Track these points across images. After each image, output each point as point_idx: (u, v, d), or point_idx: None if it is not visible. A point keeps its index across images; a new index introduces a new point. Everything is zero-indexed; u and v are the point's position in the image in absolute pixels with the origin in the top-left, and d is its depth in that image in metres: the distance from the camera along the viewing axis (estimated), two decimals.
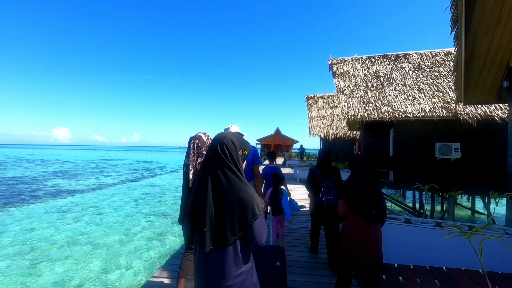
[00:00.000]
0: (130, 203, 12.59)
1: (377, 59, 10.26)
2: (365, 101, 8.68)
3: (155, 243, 7.38)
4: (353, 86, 9.43)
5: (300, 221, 5.72)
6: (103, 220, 9.70)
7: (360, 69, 10.10)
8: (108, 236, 7.91)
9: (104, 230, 8.48)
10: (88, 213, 10.62)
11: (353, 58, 10.70)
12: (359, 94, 9.01)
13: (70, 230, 8.37)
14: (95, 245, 7.13)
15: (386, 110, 8.11)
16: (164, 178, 23.06)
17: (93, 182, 19.48)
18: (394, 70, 9.56)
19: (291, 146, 40.60)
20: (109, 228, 8.71)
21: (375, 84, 9.24)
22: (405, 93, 8.48)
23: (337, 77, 10.00)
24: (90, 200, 13.16)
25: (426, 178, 7.93)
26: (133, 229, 8.69)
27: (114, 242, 7.39)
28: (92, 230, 8.47)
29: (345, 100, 8.95)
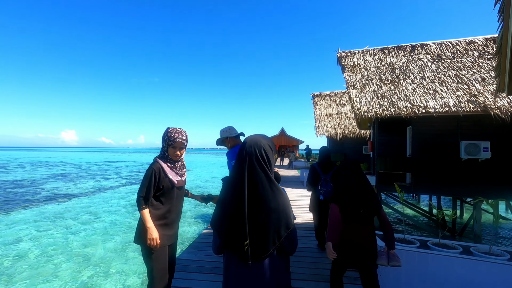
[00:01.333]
0: (126, 207, 11.91)
1: (391, 51, 9.38)
2: (379, 96, 7.81)
3: None
4: (365, 80, 8.57)
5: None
6: (94, 228, 9.00)
7: (372, 61, 9.23)
8: (95, 248, 7.19)
9: (92, 240, 7.76)
10: (80, 220, 9.95)
11: (364, 50, 9.84)
12: (372, 89, 8.15)
13: (54, 241, 7.67)
14: (80, 259, 6.40)
15: (403, 105, 7.24)
16: None
17: (92, 185, 18.91)
18: (411, 62, 8.67)
19: (297, 146, 39.69)
20: (97, 238, 7.99)
21: (389, 77, 8.36)
22: (424, 87, 7.60)
23: (347, 71, 9.15)
24: (85, 205, 12.51)
25: (449, 181, 7.04)
26: (125, 239, 7.96)
27: (100, 257, 6.65)
28: (80, 241, 7.76)
29: (356, 95, 8.10)
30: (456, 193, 7.26)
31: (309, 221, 6.16)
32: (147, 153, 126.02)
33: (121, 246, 7.30)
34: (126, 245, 7.31)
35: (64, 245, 7.31)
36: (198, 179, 23.35)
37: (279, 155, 38.17)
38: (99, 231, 8.57)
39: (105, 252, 6.85)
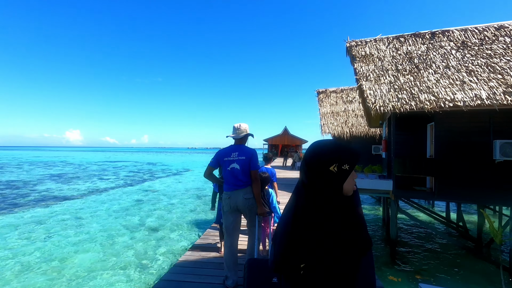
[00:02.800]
0: (118, 212, 11.02)
1: (407, 39, 8.36)
2: (397, 88, 6.82)
3: (133, 275, 5.65)
4: (380, 71, 7.57)
5: None
6: (78, 236, 8.11)
7: (387, 51, 8.22)
8: (73, 261, 6.29)
9: (72, 253, 6.86)
10: (64, 226, 9.07)
11: (377, 39, 8.84)
12: (388, 80, 7.15)
13: (31, 251, 6.79)
14: (55, 274, 5.50)
15: (426, 98, 6.24)
16: (163, 181, 21.55)
17: (87, 186, 18.09)
18: (431, 50, 7.65)
19: (300, 146, 38.67)
20: (80, 249, 7.09)
21: (407, 67, 7.36)
22: (449, 77, 6.59)
23: (358, 61, 8.16)
24: (75, 209, 11.65)
25: (481, 186, 6.02)
26: (110, 250, 7.05)
27: (77, 274, 5.74)
28: (58, 251, 6.88)
29: (370, 87, 7.11)
30: (489, 200, 6.25)
31: None
32: (149, 153, 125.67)
33: (92, 264, 6.38)
34: (100, 263, 6.36)
35: (33, 259, 6.41)
36: (198, 180, 22.46)
37: (281, 155, 37.23)
38: (78, 241, 7.67)
39: (74, 269, 5.93)
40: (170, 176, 25.92)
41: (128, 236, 8.15)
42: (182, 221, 9.80)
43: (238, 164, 3.02)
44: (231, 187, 3.04)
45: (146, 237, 8.06)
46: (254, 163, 3.05)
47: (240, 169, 3.02)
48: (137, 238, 7.98)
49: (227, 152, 3.10)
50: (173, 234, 8.34)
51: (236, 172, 3.01)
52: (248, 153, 3.06)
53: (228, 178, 3.06)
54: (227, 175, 3.06)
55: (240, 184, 3.02)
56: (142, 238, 7.99)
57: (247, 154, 3.05)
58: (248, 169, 3.04)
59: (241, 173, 3.01)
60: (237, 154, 3.05)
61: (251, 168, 3.03)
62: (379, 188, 6.82)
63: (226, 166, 3.06)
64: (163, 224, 9.47)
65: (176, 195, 15.30)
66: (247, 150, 3.09)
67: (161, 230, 8.80)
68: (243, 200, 3.01)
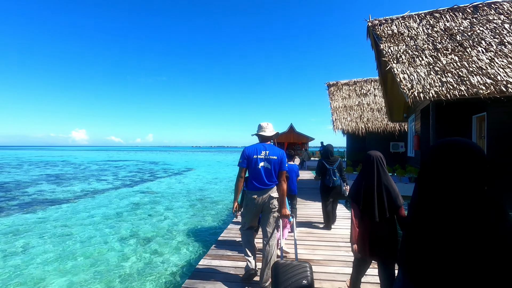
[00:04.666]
0: (109, 220, 9.86)
1: (444, 14, 7.01)
2: (439, 70, 5.51)
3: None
4: (413, 51, 6.26)
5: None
6: (57, 251, 6.96)
7: (420, 28, 6.90)
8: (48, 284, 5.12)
9: (45, 274, 5.69)
10: (45, 238, 7.94)
11: (405, 16, 7.50)
12: (425, 61, 5.84)
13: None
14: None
15: (479, 81, 4.93)
16: (164, 181, 20.42)
17: (82, 187, 17.03)
18: (477, 25, 6.30)
19: (307, 143, 37.31)
20: (54, 270, 5.92)
21: (449, 45, 6.04)
22: (507, 56, 5.26)
23: (384, 41, 6.84)
24: (62, 215, 10.53)
25: None
26: (91, 274, 5.86)
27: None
28: (29, 271, 5.73)
29: (403, 71, 5.80)
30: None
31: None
32: (153, 152, 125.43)
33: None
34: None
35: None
36: (200, 180, 21.31)
37: (290, 155, 35.78)
38: (55, 259, 6.50)
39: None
40: (172, 176, 24.80)
41: (115, 252, 6.96)
42: (180, 230, 8.61)
43: (269, 163, 2.96)
44: (258, 186, 2.95)
45: (138, 249, 6.87)
46: (284, 163, 3.03)
47: (272, 168, 2.96)
48: (127, 253, 6.80)
49: (256, 149, 3.01)
50: (167, 249, 7.15)
51: (267, 171, 2.95)
52: (280, 152, 3.02)
53: (256, 176, 2.96)
54: (255, 172, 2.96)
55: (269, 183, 2.96)
56: (132, 250, 6.83)
57: (278, 154, 3.00)
58: (278, 169, 2.99)
59: (272, 172, 2.97)
60: (268, 153, 2.98)
61: (281, 168, 3.00)
62: None
63: (256, 163, 2.96)
64: (157, 234, 8.27)
65: (176, 197, 14.12)
66: (278, 150, 3.04)
67: (155, 242, 7.60)
68: (270, 199, 2.96)
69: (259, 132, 3.12)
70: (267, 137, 3.10)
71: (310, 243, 4.38)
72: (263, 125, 3.12)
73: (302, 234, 4.80)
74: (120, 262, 6.26)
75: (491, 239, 0.86)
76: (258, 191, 2.95)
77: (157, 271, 5.79)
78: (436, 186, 0.93)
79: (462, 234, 0.88)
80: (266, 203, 2.95)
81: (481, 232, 0.87)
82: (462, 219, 0.89)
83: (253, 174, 2.98)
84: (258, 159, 2.96)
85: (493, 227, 0.88)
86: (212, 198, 13.96)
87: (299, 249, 3.57)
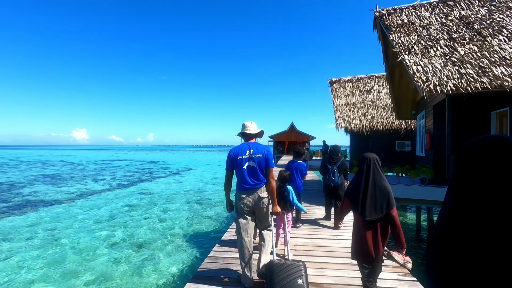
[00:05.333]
0: (101, 223, 9.40)
1: (458, 2, 6.50)
2: (456, 61, 5.01)
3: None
4: (427, 41, 5.76)
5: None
6: (43, 258, 6.49)
7: (432, 17, 6.39)
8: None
9: (32, 280, 5.22)
10: (33, 242, 7.48)
11: (415, 5, 6.99)
12: (441, 52, 5.34)
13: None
14: None
15: (504, 72, 4.43)
16: (162, 182, 19.95)
17: (77, 188, 16.58)
18: (496, 12, 5.80)
19: (308, 142, 36.78)
20: (38, 278, 5.45)
21: (466, 35, 5.54)
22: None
23: (394, 31, 6.34)
24: (53, 217, 10.08)
25: None
26: (83, 277, 5.40)
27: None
28: (11, 279, 5.26)
29: (416, 62, 5.30)
30: None
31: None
32: (153, 151, 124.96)
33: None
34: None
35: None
36: (199, 180, 20.84)
37: (288, 152, 35.47)
38: (40, 267, 6.03)
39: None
40: (170, 176, 24.34)
41: (105, 258, 6.49)
42: (177, 234, 8.13)
43: (254, 162, 2.91)
44: (246, 186, 2.91)
45: (130, 259, 6.39)
46: (270, 160, 2.97)
47: (257, 167, 2.92)
48: (118, 260, 6.33)
49: (241, 149, 2.98)
50: (162, 254, 6.67)
51: (253, 170, 2.91)
52: (264, 150, 2.97)
53: (244, 177, 2.92)
54: (242, 173, 2.92)
55: (257, 182, 2.92)
56: (125, 258, 6.36)
57: (263, 151, 2.95)
58: (264, 167, 2.95)
59: (258, 171, 2.92)
60: (253, 151, 2.93)
61: (268, 166, 2.95)
62: (432, 198, 5.03)
63: (242, 164, 2.92)
64: (152, 238, 7.80)
65: (173, 198, 13.65)
66: (262, 147, 2.99)
67: (148, 247, 7.13)
68: (259, 199, 2.93)
69: (243, 131, 3.09)
70: (251, 135, 3.07)
71: (317, 259, 3.63)
72: (247, 124, 3.10)
73: (307, 248, 4.04)
74: (111, 270, 5.80)
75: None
76: (245, 191, 2.93)
77: (150, 280, 5.32)
78: (479, 193, 0.82)
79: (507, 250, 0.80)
80: (255, 203, 2.93)
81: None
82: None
83: (239, 174, 2.97)
84: (243, 159, 2.93)
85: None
86: (211, 198, 13.49)
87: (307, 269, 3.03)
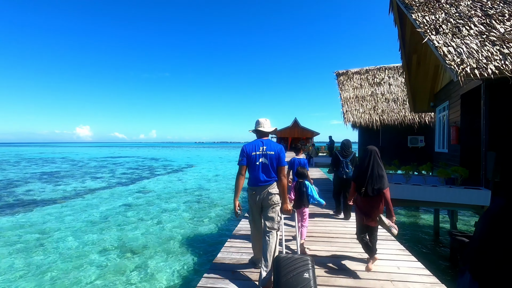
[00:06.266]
0: (94, 225, 8.77)
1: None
2: (496, 40, 4.25)
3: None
4: (457, 19, 4.98)
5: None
6: (26, 266, 5.87)
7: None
8: None
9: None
10: (17, 247, 6.87)
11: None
12: (475, 31, 4.57)
13: None
14: None
15: None
16: (161, 179, 19.34)
17: (74, 187, 16.01)
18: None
19: (311, 138, 36.01)
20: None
21: (505, 10, 4.76)
22: None
23: (416, 10, 5.56)
24: (44, 217, 9.50)
25: None
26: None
27: None
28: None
29: (446, 43, 4.53)
30: None
31: None
32: (155, 148, 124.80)
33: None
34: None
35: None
36: (200, 178, 20.20)
37: (291, 149, 34.48)
38: (20, 275, 5.40)
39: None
40: (171, 173, 23.74)
41: (95, 266, 5.85)
42: (172, 239, 7.48)
43: (267, 159, 2.95)
44: (259, 182, 2.94)
45: (120, 268, 5.74)
46: (283, 158, 2.99)
47: (269, 164, 2.96)
48: (107, 267, 5.70)
49: (255, 145, 3.01)
50: (155, 261, 6.01)
51: (265, 167, 2.95)
52: (277, 147, 2.99)
53: (256, 173, 2.95)
54: (255, 169, 2.96)
55: (268, 179, 2.94)
56: (114, 265, 5.72)
57: (276, 149, 2.97)
58: (276, 164, 2.97)
59: (270, 168, 2.95)
60: (266, 148, 2.97)
61: (280, 164, 2.97)
62: (467, 202, 4.28)
63: (255, 160, 2.96)
64: (146, 242, 7.16)
65: (172, 197, 13.01)
66: (275, 145, 3.01)
67: (142, 254, 6.48)
68: (268, 195, 2.94)
69: (257, 128, 3.12)
70: (265, 132, 3.10)
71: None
72: (261, 121, 3.14)
73: (321, 274, 3.11)
74: (99, 279, 5.16)
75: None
76: (256, 187, 2.97)
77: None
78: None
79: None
80: (265, 199, 2.95)
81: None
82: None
83: (252, 170, 3.00)
84: (257, 155, 2.97)
85: None
86: (212, 198, 12.84)
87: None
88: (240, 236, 4.38)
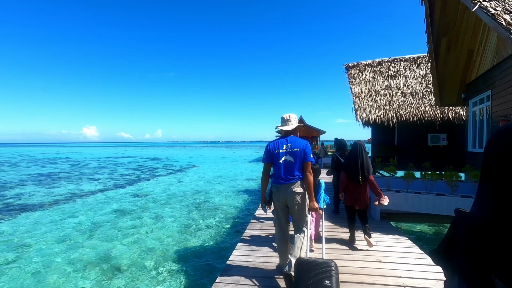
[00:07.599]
0: (82, 234, 7.85)
1: None
2: None
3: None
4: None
5: None
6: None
7: None
8: None
9: None
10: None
11: None
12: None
13: None
14: None
15: None
16: (161, 181, 18.43)
17: (68, 189, 15.18)
18: None
19: (317, 137, 34.80)
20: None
21: None
22: None
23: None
24: (27, 226, 8.62)
25: None
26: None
27: None
28: None
29: (507, 9, 3.46)
30: None
31: None
32: (160, 147, 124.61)
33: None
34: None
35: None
36: (201, 179, 19.25)
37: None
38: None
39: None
40: (171, 174, 22.84)
41: (74, 282, 4.91)
42: (166, 252, 6.50)
43: (291, 156, 2.91)
44: (281, 180, 2.91)
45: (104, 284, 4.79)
46: (308, 154, 2.93)
47: (294, 161, 2.91)
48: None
49: (279, 143, 3.00)
50: (145, 282, 5.04)
51: (290, 164, 2.91)
52: (302, 144, 2.95)
53: (279, 171, 2.94)
54: (278, 167, 2.95)
55: (291, 178, 2.90)
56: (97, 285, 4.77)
57: (301, 145, 2.92)
58: (301, 161, 2.91)
59: (294, 166, 2.91)
60: (290, 146, 2.94)
61: (305, 160, 2.91)
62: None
63: (279, 157, 2.95)
64: (134, 259, 6.18)
65: (169, 201, 12.06)
66: (300, 141, 2.97)
67: (127, 272, 5.51)
68: (293, 194, 2.88)
69: (280, 127, 3.08)
70: (288, 132, 3.04)
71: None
72: (285, 117, 3.10)
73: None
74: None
75: None
76: (279, 185, 2.94)
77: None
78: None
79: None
80: (289, 198, 2.90)
81: None
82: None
83: (275, 169, 2.99)
84: (280, 153, 2.94)
85: None
86: (213, 202, 11.86)
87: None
88: (239, 265, 3.37)
